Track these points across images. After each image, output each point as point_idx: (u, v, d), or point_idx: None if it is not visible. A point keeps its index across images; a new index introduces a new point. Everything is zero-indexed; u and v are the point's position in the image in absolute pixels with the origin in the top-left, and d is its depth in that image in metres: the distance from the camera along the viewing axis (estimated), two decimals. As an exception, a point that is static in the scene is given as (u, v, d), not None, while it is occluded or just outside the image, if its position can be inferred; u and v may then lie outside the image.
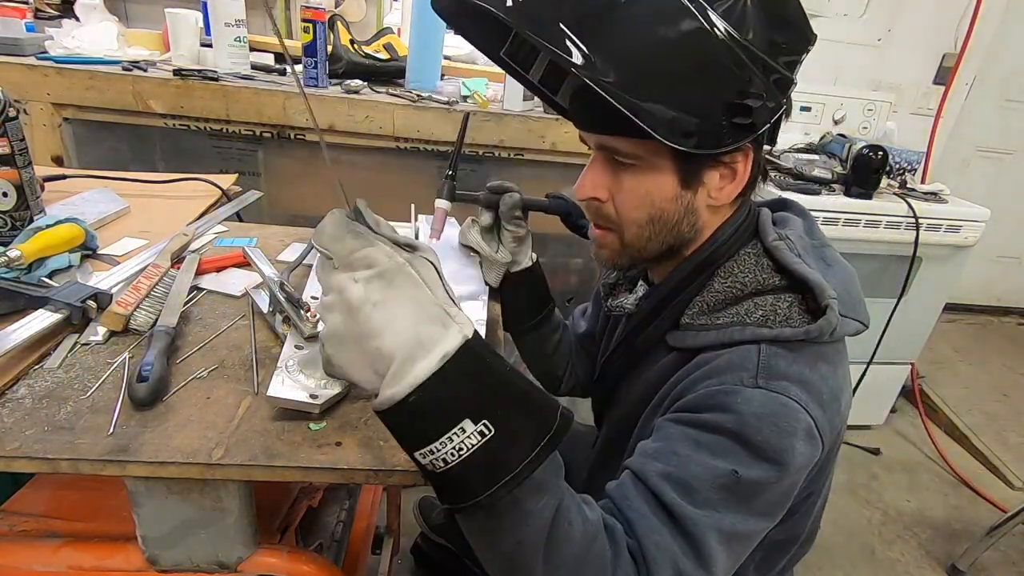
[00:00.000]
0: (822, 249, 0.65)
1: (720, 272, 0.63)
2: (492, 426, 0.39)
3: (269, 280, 0.70)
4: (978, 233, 1.87)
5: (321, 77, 1.43)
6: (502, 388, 0.41)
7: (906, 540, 1.77)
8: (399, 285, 0.40)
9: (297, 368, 0.59)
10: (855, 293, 0.62)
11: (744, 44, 0.52)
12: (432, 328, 0.40)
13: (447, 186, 0.81)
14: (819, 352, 0.58)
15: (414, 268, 0.41)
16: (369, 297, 0.40)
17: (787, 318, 0.58)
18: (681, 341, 0.64)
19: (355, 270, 0.40)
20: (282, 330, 0.67)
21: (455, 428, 0.39)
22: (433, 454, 0.40)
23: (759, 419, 0.53)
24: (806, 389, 0.55)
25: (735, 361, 0.57)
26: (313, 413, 0.56)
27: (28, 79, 1.28)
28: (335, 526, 0.91)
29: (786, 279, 0.60)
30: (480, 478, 0.41)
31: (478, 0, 0.48)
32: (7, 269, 0.71)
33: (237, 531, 0.58)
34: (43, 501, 0.68)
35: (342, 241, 0.41)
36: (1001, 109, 2.76)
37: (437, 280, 0.42)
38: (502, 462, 0.40)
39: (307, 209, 1.50)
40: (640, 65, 0.50)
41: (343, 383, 0.59)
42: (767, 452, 0.52)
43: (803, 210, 0.71)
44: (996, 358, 2.85)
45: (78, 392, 0.56)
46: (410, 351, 0.39)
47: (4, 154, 0.76)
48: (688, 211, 0.61)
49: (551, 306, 0.94)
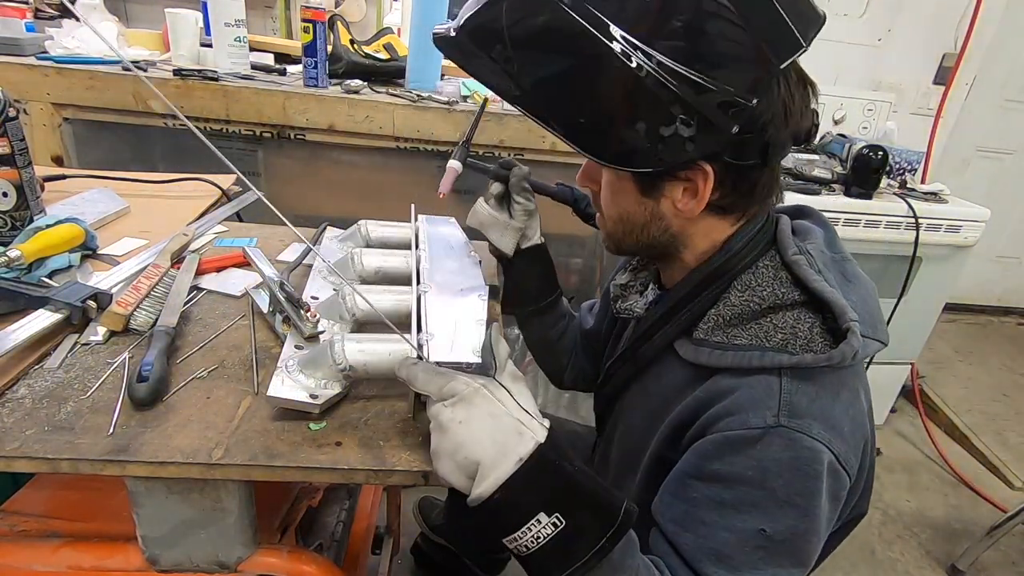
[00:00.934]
0: (843, 263, 0.63)
1: (737, 284, 0.61)
2: (563, 519, 0.46)
3: (269, 280, 0.70)
4: (978, 233, 1.87)
5: (321, 77, 1.43)
6: (570, 485, 0.48)
7: (906, 540, 1.77)
8: (477, 404, 0.48)
9: (297, 368, 0.59)
10: (875, 311, 0.60)
11: (657, 69, 0.50)
12: (509, 437, 0.47)
13: (461, 150, 0.83)
14: (840, 379, 0.56)
15: (488, 390, 0.49)
16: (455, 417, 0.48)
17: (808, 341, 0.56)
18: (696, 357, 0.62)
19: (444, 400, 0.49)
20: (282, 330, 0.67)
21: (532, 520, 0.46)
22: (516, 541, 0.47)
23: (780, 464, 0.52)
24: (829, 425, 0.54)
25: (756, 397, 0.55)
26: (313, 413, 0.56)
27: (28, 79, 1.28)
28: (335, 526, 0.91)
29: (805, 295, 0.58)
30: (555, 563, 0.48)
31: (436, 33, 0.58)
32: (7, 269, 0.71)
33: (237, 531, 0.58)
34: (43, 501, 0.68)
35: (432, 382, 0.50)
36: (1001, 109, 2.76)
37: (510, 398, 0.50)
38: (573, 551, 0.47)
39: (307, 209, 1.50)
40: (553, 90, 0.54)
41: (343, 383, 0.59)
42: (792, 498, 0.52)
43: (823, 219, 0.68)
44: (996, 358, 2.85)
45: (78, 392, 0.56)
46: (492, 458, 0.47)
47: (4, 154, 0.76)
48: (654, 216, 0.61)
49: (558, 292, 0.94)
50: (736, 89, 0.51)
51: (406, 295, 0.70)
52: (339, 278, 0.78)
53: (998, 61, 2.59)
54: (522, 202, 0.82)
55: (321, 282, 0.78)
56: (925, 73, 2.53)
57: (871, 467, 0.63)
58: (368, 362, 0.58)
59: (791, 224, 0.65)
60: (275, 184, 1.48)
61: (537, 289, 0.91)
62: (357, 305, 0.67)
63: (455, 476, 0.49)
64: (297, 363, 0.59)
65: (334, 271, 0.79)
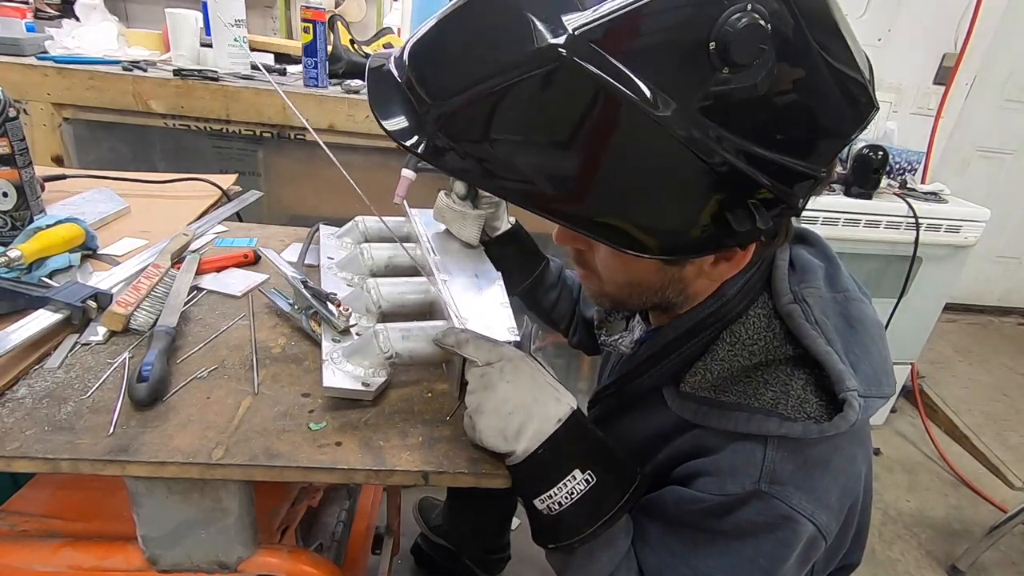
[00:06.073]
0: (846, 304, 0.57)
1: (727, 336, 0.56)
2: (594, 475, 0.52)
3: (292, 280, 0.70)
4: (978, 233, 1.87)
5: (321, 77, 1.42)
6: (598, 447, 0.54)
7: (906, 540, 1.77)
8: (522, 369, 0.54)
9: (343, 359, 0.61)
10: (880, 361, 0.54)
11: (727, 147, 0.42)
12: (549, 401, 0.53)
13: (412, 157, 0.82)
14: (834, 445, 0.52)
15: (532, 359, 0.56)
16: (504, 376, 0.53)
17: (801, 402, 0.51)
18: (681, 411, 0.58)
19: (491, 363, 0.54)
20: (310, 327, 0.68)
21: (568, 475, 0.51)
22: (551, 498, 0.52)
23: (755, 526, 0.51)
24: (813, 497, 0.51)
25: (737, 464, 0.52)
26: (366, 400, 0.59)
27: (28, 79, 1.28)
28: (335, 526, 0.91)
29: (800, 348, 0.54)
30: (585, 518, 0.52)
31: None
32: (7, 269, 0.71)
33: (237, 531, 0.58)
34: (43, 501, 0.68)
35: (482, 348, 0.55)
36: (1001, 109, 2.76)
37: (545, 372, 0.56)
38: (602, 505, 0.52)
39: (307, 209, 1.50)
40: (593, 180, 0.44)
41: (388, 370, 0.62)
42: (757, 560, 0.52)
43: (825, 250, 0.63)
44: (996, 358, 2.85)
45: (78, 392, 0.56)
46: (534, 416, 0.52)
47: (4, 154, 0.76)
48: (673, 280, 0.56)
49: (542, 266, 0.92)
50: (820, 165, 0.47)
51: (424, 285, 0.73)
52: (351, 273, 0.81)
53: (998, 61, 2.59)
54: (487, 193, 0.81)
55: (334, 279, 0.80)
56: (925, 73, 2.53)
57: (866, 524, 0.63)
58: (412, 348, 0.62)
59: (790, 255, 0.60)
60: (275, 184, 1.48)
61: (517, 270, 0.89)
62: (383, 297, 0.70)
63: (492, 436, 0.52)
64: (342, 354, 0.61)
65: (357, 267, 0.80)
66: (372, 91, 0.50)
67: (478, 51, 0.44)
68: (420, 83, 0.46)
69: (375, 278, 0.72)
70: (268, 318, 0.73)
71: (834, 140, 0.48)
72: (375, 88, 0.50)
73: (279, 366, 0.64)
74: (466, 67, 0.44)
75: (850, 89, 0.46)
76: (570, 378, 1.81)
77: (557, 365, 1.75)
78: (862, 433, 0.57)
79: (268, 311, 0.74)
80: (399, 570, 1.42)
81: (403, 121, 0.47)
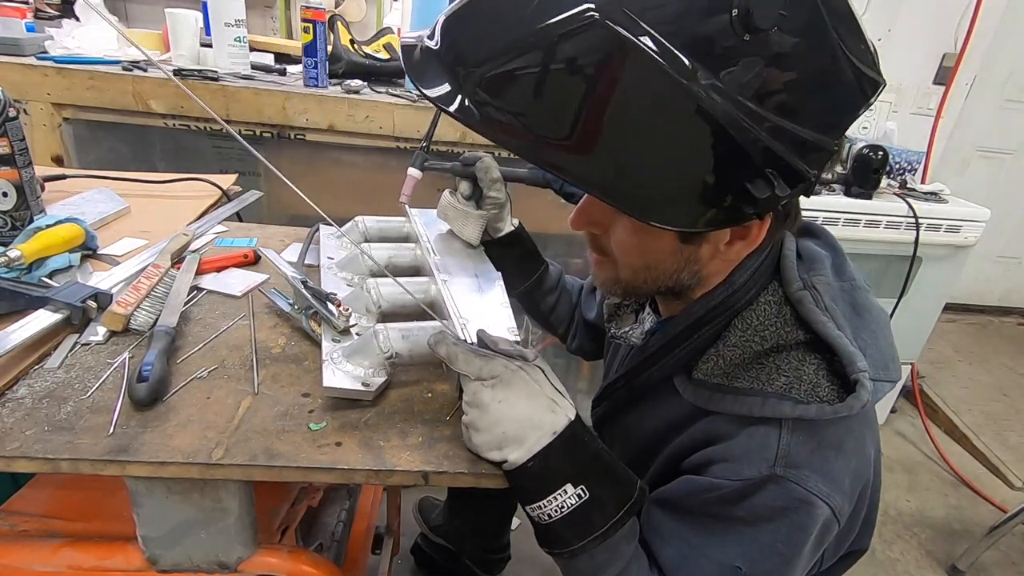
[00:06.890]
0: (853, 293, 0.59)
1: (738, 323, 0.57)
2: (587, 491, 0.51)
3: (293, 280, 0.70)
4: (978, 233, 1.88)
5: (321, 77, 1.42)
6: (594, 461, 0.53)
7: (906, 540, 1.77)
8: (516, 386, 0.52)
9: (343, 359, 0.61)
10: (887, 348, 0.56)
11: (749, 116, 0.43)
12: (544, 414, 0.52)
13: (419, 156, 0.84)
14: (847, 427, 0.54)
15: (526, 372, 0.53)
16: (495, 396, 0.52)
17: (814, 386, 0.52)
18: (694, 399, 0.59)
19: (484, 380, 0.53)
20: (310, 327, 0.68)
21: (559, 490, 0.51)
22: (541, 509, 0.52)
23: (772, 511, 0.51)
24: (828, 478, 0.52)
25: (753, 448, 0.53)
26: (366, 400, 0.59)
27: (28, 79, 1.28)
28: (335, 526, 0.91)
29: (810, 334, 0.55)
30: (575, 532, 0.52)
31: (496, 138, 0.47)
32: (7, 269, 0.71)
33: (237, 531, 0.58)
34: (43, 501, 0.68)
35: (472, 363, 0.53)
36: (1001, 109, 2.77)
37: (545, 379, 0.54)
38: (592, 521, 0.52)
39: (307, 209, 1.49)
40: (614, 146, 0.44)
41: (388, 370, 0.62)
42: (776, 545, 0.52)
43: (831, 241, 0.64)
44: (996, 358, 2.85)
45: (78, 392, 0.56)
46: (527, 431, 0.51)
47: (4, 154, 0.76)
48: (689, 262, 0.56)
49: (541, 270, 0.92)
50: (833, 136, 0.48)
51: (425, 285, 0.73)
52: (351, 273, 0.81)
53: (998, 61, 2.59)
54: (493, 196, 0.81)
55: (334, 279, 0.80)
56: (925, 73, 2.53)
57: (875, 506, 0.63)
58: (412, 348, 0.62)
59: (796, 246, 0.61)
60: (275, 184, 1.48)
61: (517, 272, 0.90)
62: (383, 297, 0.70)
63: (487, 449, 0.52)
64: (342, 354, 0.61)
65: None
66: (408, 65, 0.50)
67: (513, 15, 0.44)
68: (457, 51, 0.46)
69: (375, 278, 0.72)
70: (268, 318, 0.73)
71: (846, 113, 0.49)
72: (411, 63, 0.50)
73: (279, 366, 0.64)
74: (502, 31, 0.44)
75: (862, 62, 0.46)
76: (570, 378, 1.81)
77: (557, 365, 1.75)
78: (870, 416, 0.59)
79: (268, 311, 0.74)
80: (399, 570, 1.42)
81: (445, 87, 0.47)
